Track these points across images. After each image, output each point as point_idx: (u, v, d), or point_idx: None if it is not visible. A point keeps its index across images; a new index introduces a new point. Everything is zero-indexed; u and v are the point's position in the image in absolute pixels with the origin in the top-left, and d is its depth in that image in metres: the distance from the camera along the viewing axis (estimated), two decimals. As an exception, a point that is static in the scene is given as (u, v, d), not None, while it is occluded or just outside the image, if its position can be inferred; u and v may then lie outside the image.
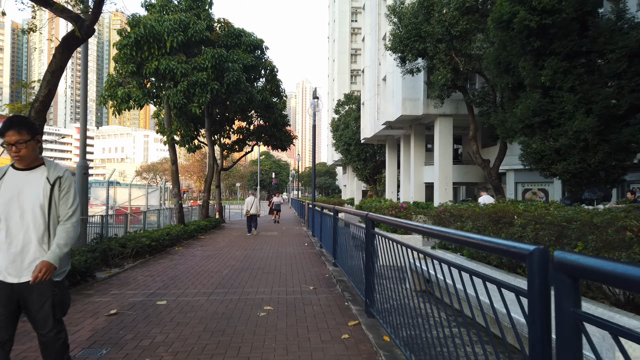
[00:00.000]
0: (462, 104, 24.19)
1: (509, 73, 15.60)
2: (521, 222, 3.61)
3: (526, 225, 3.56)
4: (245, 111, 15.00)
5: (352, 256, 5.74)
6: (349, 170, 55.93)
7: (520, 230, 3.58)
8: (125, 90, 11.98)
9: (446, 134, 24.67)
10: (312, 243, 11.79)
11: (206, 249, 10.54)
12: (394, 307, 3.63)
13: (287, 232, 15.67)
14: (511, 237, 3.76)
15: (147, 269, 7.59)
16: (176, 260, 8.74)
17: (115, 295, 5.55)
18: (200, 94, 12.28)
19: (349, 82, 55.36)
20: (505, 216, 3.96)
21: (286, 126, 22.42)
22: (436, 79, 18.82)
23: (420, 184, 28.77)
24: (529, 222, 3.54)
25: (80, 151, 7.10)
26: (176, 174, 13.43)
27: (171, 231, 10.99)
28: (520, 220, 3.63)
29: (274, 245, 11.39)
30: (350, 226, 6.30)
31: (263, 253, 9.87)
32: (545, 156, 13.86)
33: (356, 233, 5.51)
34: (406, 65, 21.57)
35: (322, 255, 9.03)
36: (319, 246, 10.56)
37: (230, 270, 7.50)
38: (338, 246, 7.13)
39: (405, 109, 24.54)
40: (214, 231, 15.96)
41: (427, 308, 2.99)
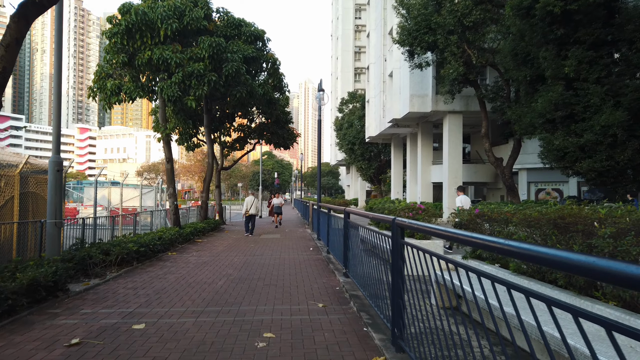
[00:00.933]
0: (473, 100, 23.22)
1: (527, 65, 14.61)
2: (610, 232, 2.67)
3: (618, 235, 2.62)
4: (246, 106, 14.08)
5: (367, 266, 4.81)
6: (352, 170, 54.97)
7: (609, 243, 2.63)
8: (115, 82, 11.07)
9: (455, 132, 23.68)
10: (317, 248, 10.84)
11: (202, 255, 9.61)
12: (434, 340, 2.69)
13: (290, 235, 14.73)
14: (591, 250, 2.82)
15: (131, 280, 6.66)
16: (167, 268, 7.81)
17: (85, 316, 4.62)
18: (196, 86, 11.36)
19: (353, 80, 54.39)
20: (578, 222, 3.02)
21: (289, 123, 21.50)
22: (447, 73, 17.83)
23: (428, 183, 27.78)
24: (622, 231, 2.60)
25: (52, 145, 6.18)
26: (171, 172, 12.51)
27: (164, 235, 10.06)
28: (607, 229, 2.69)
29: (276, 250, 10.45)
30: (360, 229, 5.36)
31: (264, 259, 8.93)
32: (568, 153, 12.87)
33: (373, 240, 4.56)
34: (414, 60, 20.60)
35: (330, 263, 8.07)
36: (325, 251, 9.62)
37: (226, 281, 6.56)
38: (350, 254, 6.18)
39: (413, 105, 23.56)
40: (213, 234, 15.04)
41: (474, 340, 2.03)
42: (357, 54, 54.40)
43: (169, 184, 12.41)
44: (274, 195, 20.77)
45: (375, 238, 4.44)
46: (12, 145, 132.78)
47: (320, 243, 11.50)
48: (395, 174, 34.31)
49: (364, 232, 5.18)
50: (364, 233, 5.19)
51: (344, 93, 49.77)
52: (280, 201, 18.76)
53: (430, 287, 5.05)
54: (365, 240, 5.29)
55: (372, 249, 4.80)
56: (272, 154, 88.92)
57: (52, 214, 5.99)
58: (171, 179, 12.43)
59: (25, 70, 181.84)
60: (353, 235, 5.98)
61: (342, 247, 6.75)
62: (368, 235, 4.98)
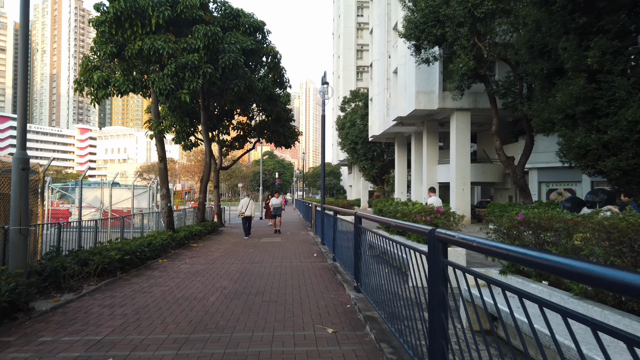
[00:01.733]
0: (481, 97, 22.34)
1: (544, 57, 13.73)
2: None
3: None
4: (245, 102, 13.23)
5: (384, 280, 3.96)
6: (355, 170, 54.11)
7: None
8: (103, 75, 10.21)
9: (463, 130, 22.80)
10: (322, 253, 9.98)
11: (195, 262, 8.75)
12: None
13: (292, 239, 13.87)
14: None
15: (110, 294, 5.81)
16: (154, 278, 6.95)
17: (41, 347, 3.76)
18: (190, 78, 10.50)
19: (355, 79, 53.53)
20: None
21: (290, 121, 20.65)
22: (456, 67, 16.96)
23: (434, 184, 26.87)
24: None
25: (17, 141, 5.35)
26: (164, 172, 11.66)
27: (154, 240, 9.21)
28: None
29: (277, 257, 9.59)
30: (376, 238, 4.51)
31: (263, 268, 8.06)
32: (590, 151, 11.98)
33: (396, 253, 3.71)
34: (421, 54, 19.75)
35: (338, 273, 7.20)
36: (331, 258, 8.75)
37: (218, 297, 5.70)
38: (363, 264, 5.32)
39: (419, 102, 22.68)
40: (210, 237, 14.18)
41: None
42: (359, 52, 53.53)
43: (162, 184, 11.56)
44: (271, 195, 17.72)
45: (401, 251, 3.57)
46: (12, 145, 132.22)
47: (325, 248, 10.63)
48: (399, 174, 33.45)
49: (382, 243, 4.31)
50: (382, 243, 4.33)
51: (346, 92, 48.92)
52: (280, 201, 15.97)
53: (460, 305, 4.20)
54: (383, 251, 4.44)
55: (388, 260, 3.94)
56: (273, 154, 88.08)
57: (16, 220, 5.14)
58: (164, 178, 11.58)
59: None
60: (366, 245, 5.11)
61: (352, 255, 5.89)
62: (388, 245, 4.11)
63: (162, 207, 11.55)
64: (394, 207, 8.30)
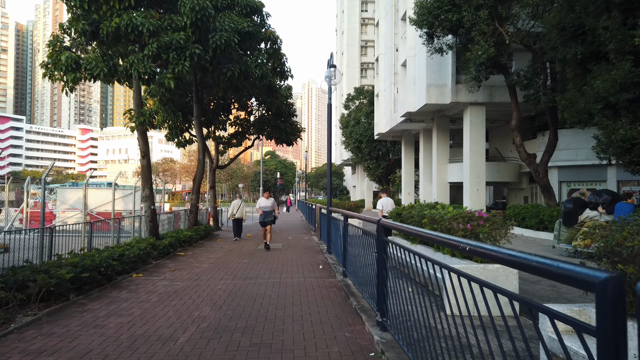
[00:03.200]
0: (497, 90, 20.77)
1: (578, 40, 12.20)
2: None
3: None
4: (240, 90, 11.73)
5: (427, 319, 2.44)
6: (359, 170, 52.54)
7: None
8: (72, 55, 8.73)
9: (478, 126, 21.23)
10: (328, 265, 8.46)
11: (177, 277, 7.25)
12: None
13: (293, 245, 12.36)
14: None
15: (48, 331, 4.31)
16: (117, 303, 5.46)
17: None
18: (175, 60, 9.01)
19: (359, 76, 52.02)
20: None
21: (292, 116, 19.16)
22: (474, 56, 15.39)
23: (444, 183, 25.34)
24: None
25: None
26: (147, 170, 10.16)
27: (129, 250, 7.72)
28: None
29: (276, 269, 8.08)
30: (406, 254, 3.02)
31: (258, 286, 6.55)
32: (637, 145, 10.44)
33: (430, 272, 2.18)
34: (434, 43, 18.21)
35: (351, 295, 5.68)
36: (341, 272, 7.23)
37: (192, 335, 4.20)
38: (392, 295, 3.80)
39: (430, 96, 21.13)
40: (202, 243, 12.69)
41: None
42: (364, 48, 52.00)
43: (145, 183, 10.07)
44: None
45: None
46: (14, 146, 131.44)
47: (333, 258, 9.11)
48: (406, 173, 31.89)
49: (421, 265, 2.79)
50: (421, 265, 2.81)
51: (349, 89, 47.41)
52: (272, 204, 11.49)
53: None
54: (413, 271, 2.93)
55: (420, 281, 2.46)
56: (275, 154, 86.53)
57: None
58: (147, 177, 10.09)
59: (28, 71, 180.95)
60: (393, 264, 3.60)
61: (374, 278, 4.39)
62: (428, 268, 2.60)
63: (144, 210, 10.06)
64: (419, 211, 6.77)
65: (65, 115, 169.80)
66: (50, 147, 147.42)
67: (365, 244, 5.36)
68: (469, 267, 5.00)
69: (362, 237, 5.28)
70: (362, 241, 5.37)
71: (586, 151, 20.41)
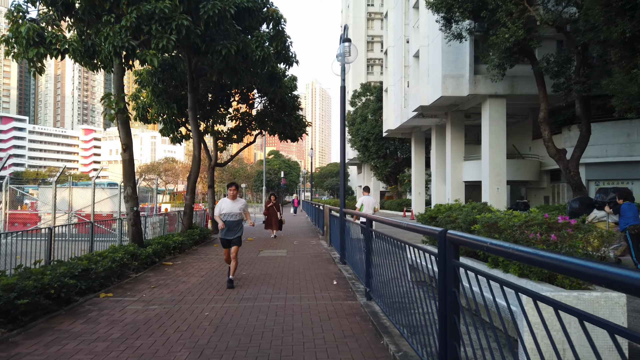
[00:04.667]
0: (519, 81, 19.15)
1: (626, 16, 10.64)
2: None
3: None
4: (237, 73, 10.19)
5: None
6: (365, 169, 50.95)
7: None
8: (34, 26, 7.24)
9: (498, 120, 19.64)
10: (344, 279, 6.94)
11: (155, 298, 5.75)
12: None
13: (300, 251, 10.86)
14: None
15: None
16: (58, 346, 3.96)
17: None
18: (159, 34, 7.53)
19: (365, 72, 50.46)
20: None
21: (297, 110, 17.65)
22: (501, 40, 13.79)
23: (459, 183, 23.75)
24: None
25: None
26: (129, 165, 8.67)
27: (99, 263, 6.24)
28: None
29: (280, 286, 6.57)
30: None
31: (257, 314, 5.04)
32: None
33: None
34: (452, 29, 16.64)
35: (384, 332, 4.14)
36: (362, 292, 5.72)
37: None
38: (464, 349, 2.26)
39: (446, 88, 19.56)
40: (196, 249, 11.20)
41: None
42: (370, 43, 50.43)
43: (127, 181, 8.58)
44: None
45: None
46: (16, 146, 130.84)
47: (348, 271, 7.58)
48: (416, 172, 30.28)
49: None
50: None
51: (356, 85, 45.87)
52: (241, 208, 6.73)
53: None
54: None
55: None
56: (279, 153, 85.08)
57: None
58: (129, 174, 8.60)
59: (31, 71, 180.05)
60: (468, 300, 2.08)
61: (430, 320, 2.87)
62: None
63: (126, 212, 8.58)
64: (465, 214, 5.23)
65: (69, 116, 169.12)
66: (54, 148, 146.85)
67: (403, 264, 3.85)
68: (557, 294, 3.47)
69: (400, 254, 3.76)
70: (398, 259, 3.85)
71: (617, 147, 18.77)
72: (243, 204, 6.63)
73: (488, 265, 4.54)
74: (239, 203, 6.57)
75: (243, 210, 6.60)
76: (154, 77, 14.24)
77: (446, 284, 2.52)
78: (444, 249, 2.59)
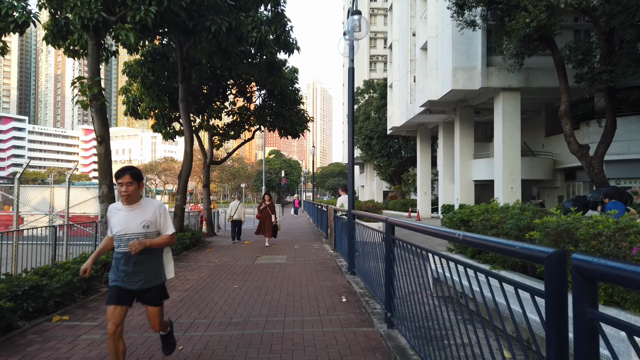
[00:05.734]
0: (535, 74, 17.97)
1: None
2: None
3: None
4: (231, 57, 9.04)
5: None
6: (367, 168, 49.77)
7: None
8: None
9: (512, 115, 18.47)
10: (354, 295, 5.80)
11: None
12: None
13: (301, 256, 9.73)
14: None
15: None
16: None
17: None
18: (136, 5, 6.41)
19: (368, 69, 49.30)
20: None
21: (298, 104, 16.52)
22: (521, 25, 12.62)
23: (468, 182, 22.57)
24: None
25: None
26: (105, 160, 7.53)
27: (59, 275, 5.11)
28: None
29: (278, 304, 5.43)
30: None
31: (245, 347, 3.91)
32: None
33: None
34: (464, 16, 15.49)
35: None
36: (381, 316, 4.57)
37: None
38: None
39: (456, 81, 18.40)
40: (186, 255, 10.06)
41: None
42: (373, 40, 49.25)
43: (102, 179, 7.44)
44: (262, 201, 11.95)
45: None
46: (16, 147, 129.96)
47: (359, 283, 6.42)
48: (422, 171, 29.10)
49: None
50: None
51: (358, 83, 44.72)
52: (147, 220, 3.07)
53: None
54: None
55: None
56: (279, 153, 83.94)
57: None
58: (105, 170, 7.46)
59: (32, 72, 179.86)
60: None
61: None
62: None
63: (100, 214, 7.44)
64: (517, 219, 4.07)
65: (69, 116, 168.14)
66: (54, 148, 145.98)
67: (434, 283, 2.72)
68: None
69: (434, 273, 2.61)
70: (427, 278, 2.71)
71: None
72: (156, 211, 3.09)
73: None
74: (147, 209, 3.07)
75: (159, 221, 3.09)
76: (144, 67, 13.12)
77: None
78: (574, 290, 1.45)
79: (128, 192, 2.98)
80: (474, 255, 5.14)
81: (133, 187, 2.99)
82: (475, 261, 4.95)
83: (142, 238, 2.98)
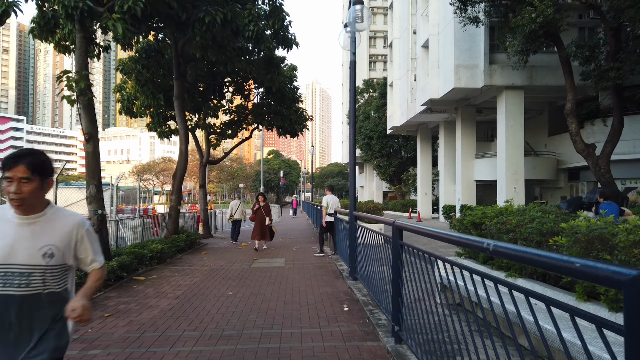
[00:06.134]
0: (539, 71, 17.60)
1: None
2: None
3: None
4: (226, 51, 8.66)
5: None
6: (367, 168, 49.42)
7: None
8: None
9: (515, 114, 18.10)
10: (357, 303, 5.43)
11: (101, 336, 4.24)
12: None
13: (300, 260, 9.35)
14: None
15: None
16: None
17: None
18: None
19: (368, 68, 48.94)
20: None
21: (297, 102, 16.13)
22: (527, 20, 12.26)
23: (470, 182, 22.19)
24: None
25: None
26: (93, 159, 7.14)
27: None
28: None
29: (274, 313, 5.05)
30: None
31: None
32: None
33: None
34: (467, 12, 15.13)
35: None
36: (387, 329, 4.19)
37: None
38: None
39: (458, 79, 18.04)
40: (180, 258, 9.67)
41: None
42: (372, 39, 48.89)
43: (90, 179, 7.06)
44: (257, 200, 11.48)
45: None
46: (13, 147, 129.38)
47: (362, 290, 6.03)
48: (422, 171, 28.73)
49: None
50: None
51: (358, 82, 44.34)
52: (49, 244, 1.76)
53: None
54: None
55: None
56: (278, 153, 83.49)
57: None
58: (93, 169, 7.08)
59: (30, 72, 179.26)
60: None
61: None
62: None
63: (89, 214, 7.05)
64: (539, 223, 3.70)
65: (67, 116, 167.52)
66: (52, 148, 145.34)
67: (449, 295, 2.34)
68: None
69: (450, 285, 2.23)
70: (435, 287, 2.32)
71: (647, 142, 17.33)
72: (71, 231, 1.80)
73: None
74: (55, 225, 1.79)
75: (74, 249, 1.82)
76: (138, 63, 12.72)
77: None
78: None
79: (21, 194, 1.66)
80: (486, 261, 4.77)
81: (31, 185, 1.68)
82: (487, 267, 4.58)
83: (37, 273, 1.71)
